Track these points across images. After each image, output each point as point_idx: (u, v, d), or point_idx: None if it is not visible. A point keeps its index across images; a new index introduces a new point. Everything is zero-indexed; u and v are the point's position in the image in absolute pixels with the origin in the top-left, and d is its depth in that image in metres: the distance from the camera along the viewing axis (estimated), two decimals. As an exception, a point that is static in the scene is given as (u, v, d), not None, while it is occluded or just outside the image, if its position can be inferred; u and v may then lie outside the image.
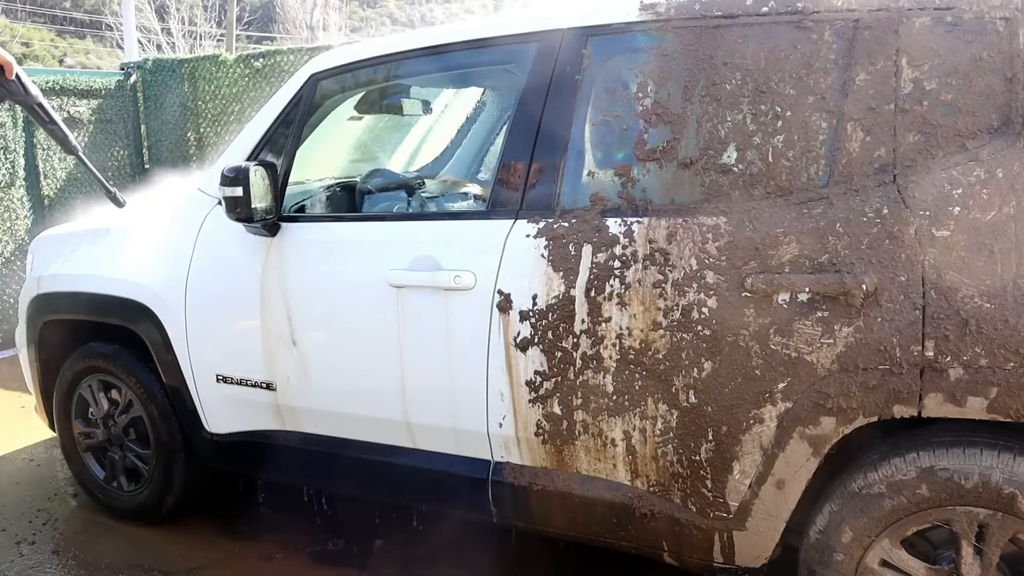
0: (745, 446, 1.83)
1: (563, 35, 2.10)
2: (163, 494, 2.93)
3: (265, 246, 2.45)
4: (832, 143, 1.77)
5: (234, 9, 20.53)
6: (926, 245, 1.64)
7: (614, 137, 2.08)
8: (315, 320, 2.37)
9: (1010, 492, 1.62)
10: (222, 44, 21.77)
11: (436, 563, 2.67)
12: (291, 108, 2.52)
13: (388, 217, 2.53)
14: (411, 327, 2.18)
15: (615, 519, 2.03)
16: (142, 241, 2.76)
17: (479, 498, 2.20)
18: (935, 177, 1.66)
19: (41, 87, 5.83)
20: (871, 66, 1.74)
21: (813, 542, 1.85)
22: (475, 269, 2.08)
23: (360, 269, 2.28)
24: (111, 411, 2.98)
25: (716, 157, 1.87)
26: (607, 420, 1.96)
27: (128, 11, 9.39)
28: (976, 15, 1.67)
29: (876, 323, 1.67)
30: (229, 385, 2.58)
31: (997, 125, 1.64)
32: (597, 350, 1.94)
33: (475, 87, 3.51)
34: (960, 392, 1.62)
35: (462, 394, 2.14)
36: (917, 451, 1.72)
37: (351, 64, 2.48)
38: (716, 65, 1.88)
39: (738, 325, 1.78)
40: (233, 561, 2.77)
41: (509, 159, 2.15)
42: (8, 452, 3.82)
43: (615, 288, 1.90)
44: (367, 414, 2.35)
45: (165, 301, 2.63)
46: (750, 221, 1.80)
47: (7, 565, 2.78)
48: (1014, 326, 1.57)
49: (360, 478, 2.46)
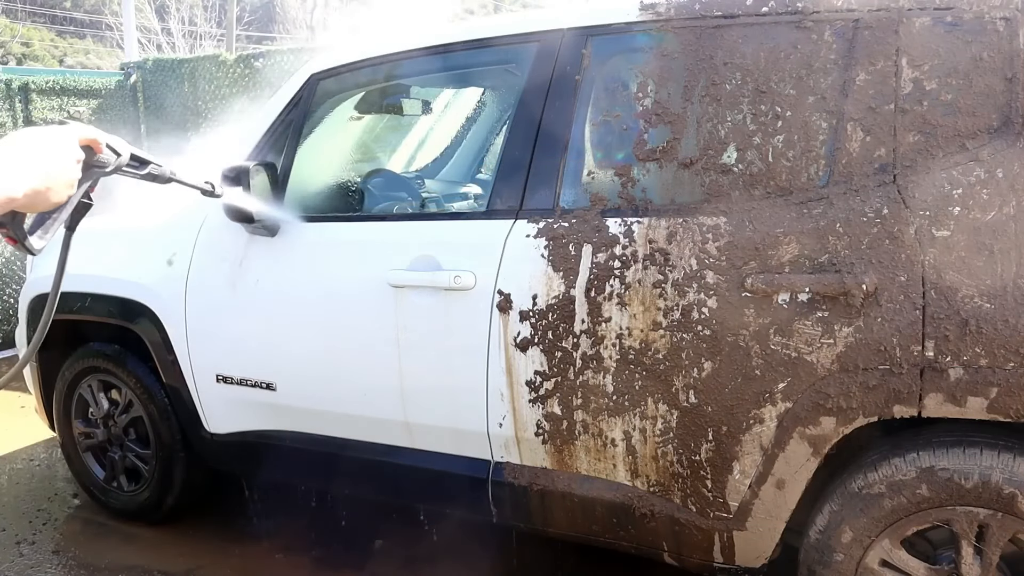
0: (745, 446, 1.83)
1: (563, 35, 2.10)
2: (163, 494, 2.93)
3: (265, 246, 2.45)
4: (832, 143, 1.77)
5: (234, 9, 20.52)
6: (926, 245, 1.64)
7: (614, 137, 2.08)
8: (315, 320, 2.37)
9: (1010, 492, 1.62)
10: (222, 44, 21.76)
11: (436, 563, 2.67)
12: (291, 108, 2.52)
13: (388, 217, 2.53)
14: (411, 327, 2.18)
15: (615, 519, 2.03)
16: (142, 241, 2.76)
17: (479, 498, 2.20)
18: (935, 177, 1.66)
19: (41, 87, 5.86)
20: (871, 66, 1.74)
21: (813, 542, 1.85)
22: (475, 269, 2.08)
23: (360, 269, 2.28)
24: (111, 411, 2.98)
25: (716, 157, 1.87)
26: (607, 420, 1.96)
27: (128, 11, 9.38)
28: (976, 15, 1.67)
29: (876, 323, 1.67)
30: (229, 385, 2.58)
31: (997, 125, 1.64)
32: (597, 350, 1.94)
33: (475, 87, 3.50)
34: (960, 392, 1.62)
35: (462, 394, 2.14)
36: (917, 451, 1.71)
37: (351, 64, 2.48)
38: (716, 65, 1.88)
39: (738, 325, 1.78)
40: (233, 561, 2.77)
41: (509, 159, 2.15)
42: (8, 452, 3.82)
43: (615, 288, 1.90)
44: (367, 414, 2.35)
45: (165, 301, 2.63)
46: (750, 221, 1.80)
47: (7, 565, 2.78)
48: (1014, 326, 1.57)
49: (360, 478, 2.46)
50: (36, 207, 1.08)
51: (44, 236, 1.18)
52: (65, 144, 1.11)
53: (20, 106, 5.72)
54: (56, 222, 1.19)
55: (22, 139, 1.04)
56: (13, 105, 5.68)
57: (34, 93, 5.81)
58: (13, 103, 5.68)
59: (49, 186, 1.06)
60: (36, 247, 1.16)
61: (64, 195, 1.11)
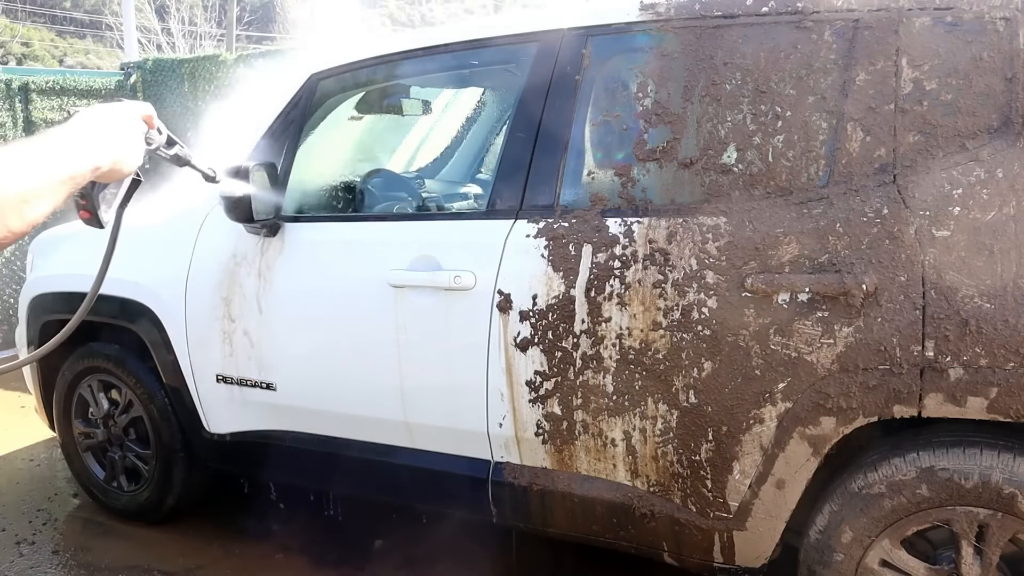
0: (745, 446, 1.83)
1: (563, 35, 2.10)
2: (163, 494, 2.93)
3: (265, 246, 2.45)
4: (832, 143, 1.77)
5: (234, 9, 20.53)
6: (926, 245, 1.64)
7: (614, 137, 2.08)
8: (315, 320, 2.37)
9: (1010, 492, 1.62)
10: (222, 44, 21.76)
11: (436, 563, 2.67)
12: (291, 108, 2.52)
13: (388, 217, 2.53)
14: (411, 327, 2.18)
15: (615, 519, 2.03)
16: (142, 241, 2.76)
17: (479, 498, 2.20)
18: (935, 177, 1.66)
19: (41, 87, 5.86)
20: (871, 66, 1.74)
21: (813, 542, 1.85)
22: (475, 269, 2.08)
23: (360, 269, 2.28)
24: (111, 411, 2.98)
25: (716, 157, 1.87)
26: (607, 420, 1.96)
27: (128, 11, 9.38)
28: (976, 15, 1.67)
29: (876, 323, 1.67)
30: (229, 385, 2.57)
31: (997, 125, 1.64)
32: (597, 350, 1.94)
33: (475, 87, 3.50)
34: (960, 392, 1.62)
35: (462, 394, 2.14)
36: (917, 451, 1.71)
37: (351, 64, 2.48)
38: (716, 65, 1.88)
39: (738, 325, 1.78)
40: (233, 561, 2.77)
41: (509, 159, 2.15)
42: (8, 452, 3.82)
43: (615, 288, 1.90)
44: (367, 414, 2.35)
45: (165, 301, 2.63)
46: (750, 221, 1.80)
47: (7, 565, 2.78)
48: (1014, 326, 1.57)
49: (360, 478, 2.46)
50: (112, 177, 1.15)
51: (108, 211, 1.24)
52: (132, 118, 1.19)
53: (20, 106, 5.72)
54: (117, 198, 1.25)
55: (95, 115, 1.12)
56: (13, 105, 5.68)
57: (34, 93, 5.81)
58: (13, 103, 5.68)
59: (123, 157, 1.14)
60: (105, 219, 1.23)
61: (134, 166, 1.18)
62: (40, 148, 0.98)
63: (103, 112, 1.13)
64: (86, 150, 1.05)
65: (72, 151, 1.02)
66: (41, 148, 0.98)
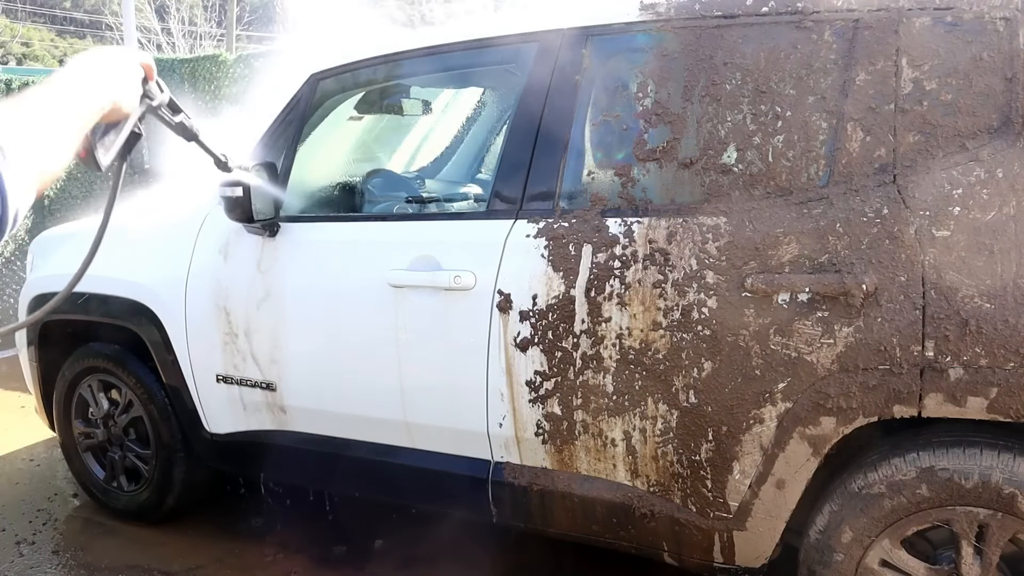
0: (745, 446, 1.83)
1: (563, 35, 2.09)
2: (163, 494, 2.93)
3: (265, 246, 2.45)
4: (832, 143, 1.77)
5: (234, 9, 20.52)
6: (926, 245, 1.64)
7: (614, 137, 2.08)
8: (315, 320, 2.37)
9: (1010, 492, 1.62)
10: (222, 44, 21.75)
11: (436, 563, 2.67)
12: (291, 108, 2.52)
13: (388, 217, 2.53)
14: (411, 327, 2.18)
15: (615, 519, 2.03)
16: (142, 241, 2.76)
17: (479, 498, 2.20)
18: (935, 177, 1.66)
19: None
20: (871, 66, 1.74)
21: (813, 542, 1.85)
22: (475, 269, 2.08)
23: (360, 269, 2.28)
24: (111, 411, 2.98)
25: (716, 157, 1.87)
26: (607, 420, 1.96)
27: (128, 11, 9.37)
28: (976, 15, 1.67)
29: (876, 323, 1.67)
30: (229, 385, 2.58)
31: (997, 125, 1.64)
32: (597, 350, 1.93)
33: (475, 87, 3.50)
34: (960, 392, 1.62)
35: (462, 394, 2.14)
36: (917, 451, 1.71)
37: (351, 64, 2.48)
38: (716, 65, 1.88)
39: (738, 325, 1.78)
40: (233, 561, 2.77)
41: (509, 159, 2.15)
42: (8, 452, 3.82)
43: (615, 288, 1.90)
44: (367, 414, 2.35)
45: (165, 301, 2.63)
46: (750, 221, 1.80)
47: (7, 565, 2.78)
48: (1014, 326, 1.57)
49: (360, 478, 2.46)
50: (111, 117, 1.16)
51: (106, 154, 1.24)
52: (130, 62, 1.20)
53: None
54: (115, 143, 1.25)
55: (94, 55, 1.13)
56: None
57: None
58: (13, 103, 5.66)
59: (123, 96, 1.16)
60: (102, 161, 1.23)
61: (131, 107, 1.20)
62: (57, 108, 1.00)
63: (100, 54, 1.14)
64: (92, 95, 1.07)
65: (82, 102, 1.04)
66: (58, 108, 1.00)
